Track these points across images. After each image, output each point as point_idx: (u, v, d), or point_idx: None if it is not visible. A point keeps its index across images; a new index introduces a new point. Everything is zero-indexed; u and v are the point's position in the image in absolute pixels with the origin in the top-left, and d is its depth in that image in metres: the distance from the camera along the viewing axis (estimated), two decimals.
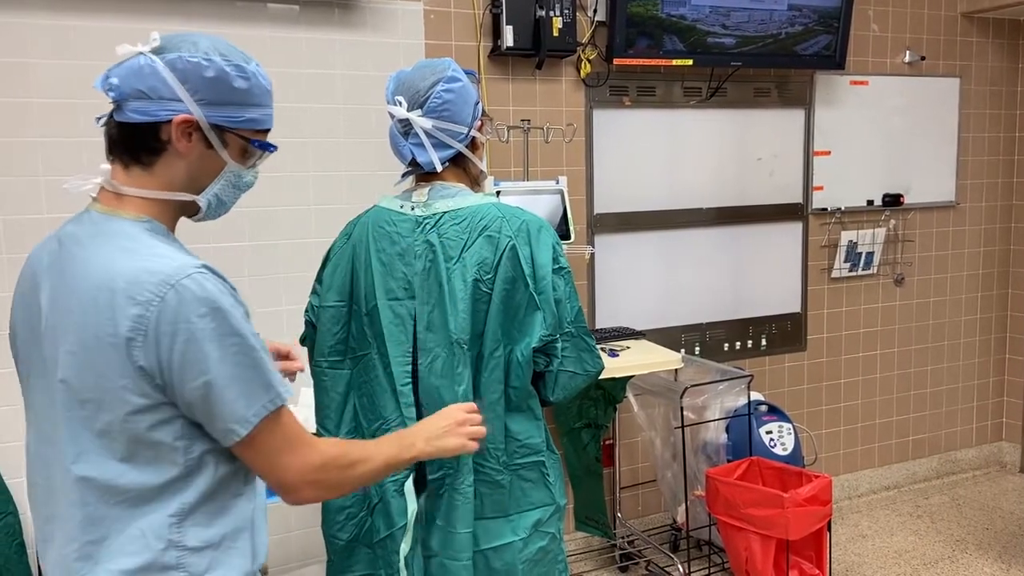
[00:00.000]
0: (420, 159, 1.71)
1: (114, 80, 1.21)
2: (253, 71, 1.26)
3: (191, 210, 1.29)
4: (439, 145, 1.72)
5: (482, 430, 1.58)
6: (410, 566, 1.73)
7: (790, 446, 3.27)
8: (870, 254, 3.93)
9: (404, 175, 1.81)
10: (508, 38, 2.96)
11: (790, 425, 3.32)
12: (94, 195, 1.26)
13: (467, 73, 1.75)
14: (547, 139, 3.20)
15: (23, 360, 1.31)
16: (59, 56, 2.49)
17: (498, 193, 2.76)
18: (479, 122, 1.78)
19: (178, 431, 1.17)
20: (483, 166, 1.82)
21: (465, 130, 1.73)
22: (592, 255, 3.31)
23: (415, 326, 1.72)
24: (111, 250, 1.18)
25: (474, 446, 1.57)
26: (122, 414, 1.15)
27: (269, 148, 1.30)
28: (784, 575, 2.87)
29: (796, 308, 3.81)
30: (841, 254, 3.85)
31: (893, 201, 3.91)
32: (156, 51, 1.22)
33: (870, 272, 3.95)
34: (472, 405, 1.61)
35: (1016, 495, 4.08)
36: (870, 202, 3.90)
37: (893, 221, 3.97)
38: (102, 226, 1.21)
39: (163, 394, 1.15)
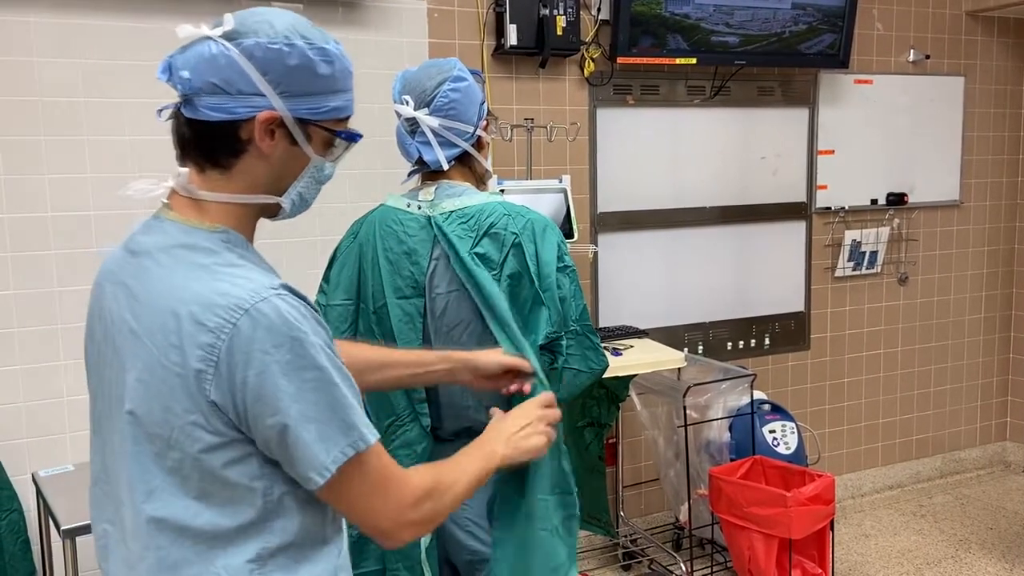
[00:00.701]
0: (427, 157, 1.72)
1: (184, 73, 1.06)
2: (335, 52, 1.12)
3: (270, 212, 1.16)
4: (445, 144, 1.72)
5: (557, 413, 1.48)
6: (431, 558, 1.73)
7: (793, 445, 3.26)
8: (874, 253, 3.92)
9: (410, 174, 1.81)
10: (512, 37, 2.96)
11: (793, 424, 3.31)
12: (165, 200, 1.14)
13: (472, 73, 1.76)
14: (550, 138, 3.20)
15: (92, 384, 1.18)
16: (63, 55, 2.50)
17: (502, 191, 2.76)
18: (484, 121, 1.78)
19: (255, 470, 1.05)
20: (488, 165, 1.83)
21: (471, 129, 1.74)
22: (595, 254, 3.31)
23: (424, 323, 1.73)
24: (184, 267, 1.06)
25: (553, 435, 1.47)
26: (193, 451, 1.03)
27: (355, 138, 1.17)
28: (787, 574, 2.87)
29: (799, 307, 3.80)
30: (845, 253, 3.85)
31: (897, 200, 3.90)
32: (228, 36, 1.06)
33: (874, 271, 3.95)
34: (549, 396, 1.52)
35: (1020, 495, 4.08)
36: (874, 201, 3.90)
37: (897, 220, 3.97)
38: (177, 238, 1.09)
39: (237, 431, 1.03)
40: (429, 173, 1.78)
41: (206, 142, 1.09)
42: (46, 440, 2.56)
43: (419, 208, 1.75)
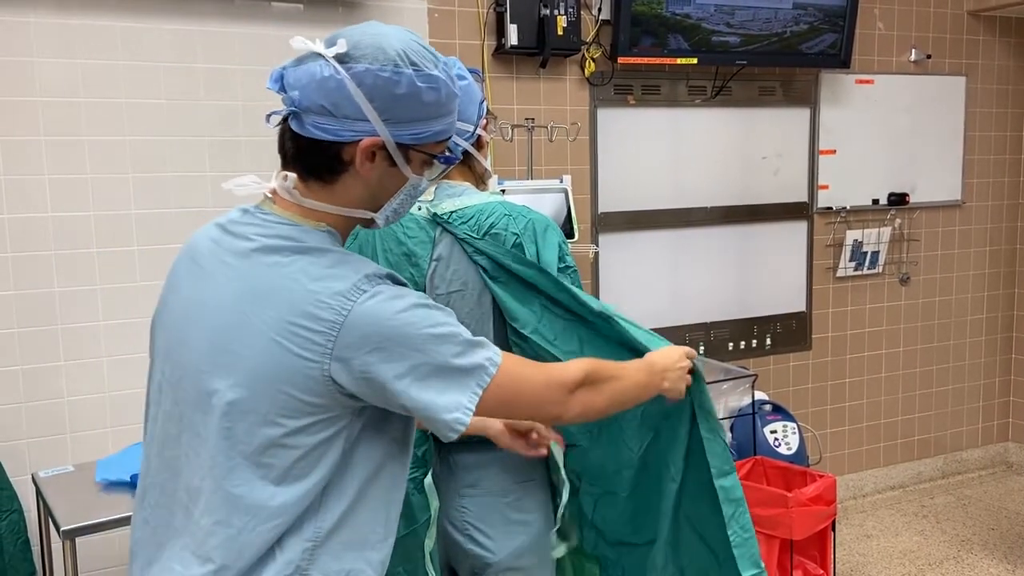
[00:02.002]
0: None
1: (295, 93, 1.12)
2: (443, 78, 1.16)
3: (365, 221, 1.22)
4: None
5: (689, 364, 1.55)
6: (434, 561, 1.73)
7: (794, 445, 3.26)
8: (875, 253, 3.91)
9: None
10: (512, 37, 2.95)
11: (795, 424, 3.31)
12: (268, 195, 1.20)
13: (471, 71, 1.75)
14: (551, 138, 3.19)
15: (156, 351, 1.23)
16: (64, 55, 2.49)
17: (503, 192, 2.76)
18: (484, 120, 1.78)
19: (338, 447, 1.12)
20: (488, 164, 1.82)
21: (470, 128, 1.73)
22: (596, 254, 3.30)
23: None
24: (296, 252, 1.12)
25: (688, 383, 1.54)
26: (290, 428, 1.09)
27: (452, 161, 1.24)
28: (788, 575, 2.86)
29: (801, 307, 3.80)
30: (846, 253, 3.84)
31: (898, 200, 3.89)
32: (340, 58, 1.11)
33: (875, 271, 3.94)
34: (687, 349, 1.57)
35: (1022, 496, 4.07)
36: (875, 201, 3.89)
37: (899, 220, 3.96)
38: (284, 231, 1.15)
39: (344, 408, 1.11)
40: None
41: (310, 157, 1.15)
42: (46, 441, 2.56)
43: (419, 209, 1.74)
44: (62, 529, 2.02)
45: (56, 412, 2.56)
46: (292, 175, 1.16)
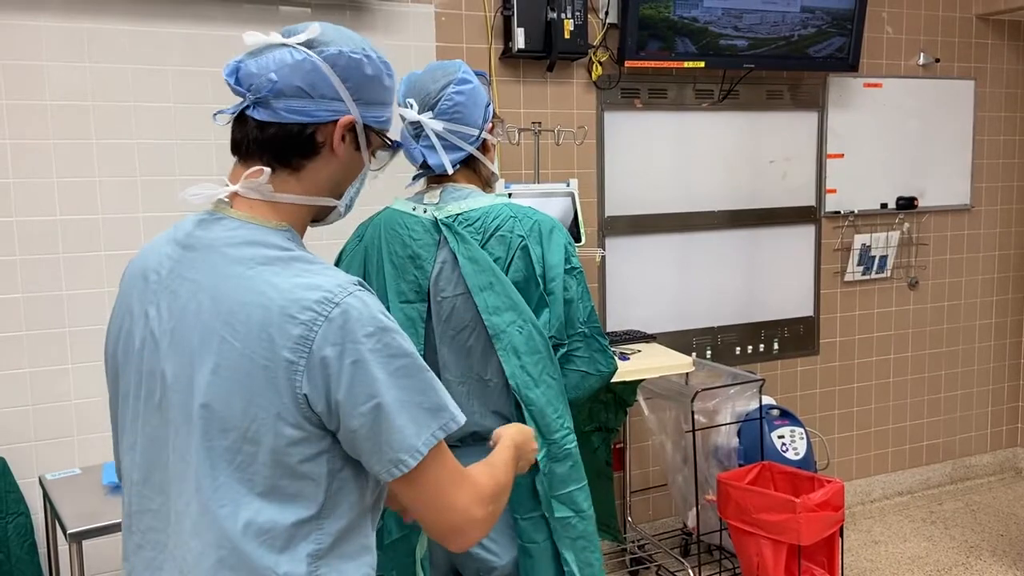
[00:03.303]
0: (431, 161, 1.71)
1: (272, 75, 1.09)
2: (392, 69, 1.21)
3: (321, 215, 1.20)
4: (450, 147, 1.71)
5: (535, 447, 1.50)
6: (425, 569, 1.72)
7: (802, 451, 3.24)
8: (884, 257, 3.90)
9: (415, 177, 1.80)
10: (519, 40, 2.95)
11: (802, 429, 3.29)
12: (225, 199, 1.16)
13: (478, 74, 1.75)
14: (558, 141, 3.19)
15: (123, 377, 1.18)
16: (72, 59, 2.51)
17: (510, 195, 2.76)
18: (490, 124, 1.77)
19: (323, 469, 1.07)
20: (494, 168, 1.82)
21: (476, 132, 1.73)
22: (603, 258, 3.30)
23: (427, 328, 1.72)
24: (262, 263, 1.08)
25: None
26: (270, 445, 1.04)
27: (398, 148, 1.25)
28: None
29: (809, 312, 3.78)
30: (854, 257, 3.83)
31: (907, 204, 3.88)
32: (308, 44, 1.12)
33: (884, 275, 3.92)
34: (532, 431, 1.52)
35: None
36: (884, 205, 3.88)
37: (907, 224, 3.94)
38: (244, 235, 1.11)
39: (318, 426, 1.05)
40: (435, 176, 1.77)
41: (280, 143, 1.13)
42: (53, 443, 2.56)
43: (425, 212, 1.74)
44: (68, 532, 2.03)
45: (63, 415, 2.57)
46: (267, 169, 1.12)
